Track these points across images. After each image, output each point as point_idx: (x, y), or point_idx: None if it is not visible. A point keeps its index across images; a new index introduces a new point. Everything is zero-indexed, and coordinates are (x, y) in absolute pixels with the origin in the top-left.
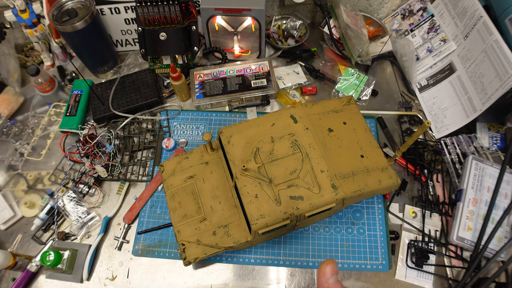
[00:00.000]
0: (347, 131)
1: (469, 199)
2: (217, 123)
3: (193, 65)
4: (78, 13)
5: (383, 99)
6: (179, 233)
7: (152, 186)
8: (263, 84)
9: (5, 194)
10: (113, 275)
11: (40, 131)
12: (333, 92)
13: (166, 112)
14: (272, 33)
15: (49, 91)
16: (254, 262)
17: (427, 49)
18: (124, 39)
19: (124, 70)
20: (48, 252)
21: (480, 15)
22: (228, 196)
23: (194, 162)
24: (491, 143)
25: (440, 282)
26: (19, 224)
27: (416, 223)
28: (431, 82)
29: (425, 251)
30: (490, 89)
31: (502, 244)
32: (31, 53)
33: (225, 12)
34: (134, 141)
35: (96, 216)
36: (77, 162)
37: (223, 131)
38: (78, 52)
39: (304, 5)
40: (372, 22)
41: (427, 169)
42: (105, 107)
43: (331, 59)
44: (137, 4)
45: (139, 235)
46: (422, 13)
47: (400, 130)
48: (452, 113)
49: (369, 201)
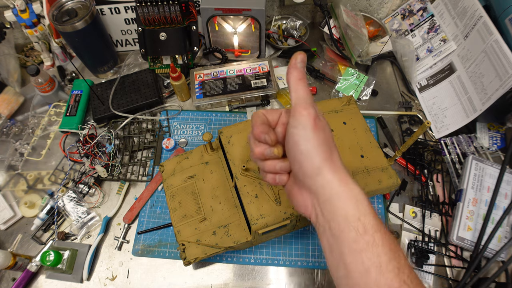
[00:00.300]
0: (347, 131)
1: (469, 199)
2: (217, 123)
3: (193, 65)
4: (78, 13)
5: (383, 99)
6: (179, 233)
7: (152, 186)
8: (263, 84)
9: (5, 194)
10: (113, 275)
11: (40, 131)
12: (333, 92)
13: (166, 112)
14: (272, 33)
15: (49, 91)
16: (254, 262)
17: (427, 49)
18: (124, 39)
19: (124, 70)
20: (48, 252)
21: (480, 15)
22: (228, 196)
23: (194, 162)
24: (491, 143)
25: (440, 282)
26: (19, 224)
27: (416, 223)
28: (431, 82)
29: (425, 251)
30: (490, 89)
31: (502, 244)
32: (31, 53)
33: (225, 12)
34: (134, 141)
35: (96, 216)
36: (77, 162)
37: (223, 131)
38: (78, 52)
39: (304, 5)
40: (372, 22)
41: (427, 169)
42: (105, 107)
43: (331, 59)
44: (137, 4)
45: (139, 235)
46: (422, 13)
47: (400, 130)
48: (452, 113)
49: (369, 201)
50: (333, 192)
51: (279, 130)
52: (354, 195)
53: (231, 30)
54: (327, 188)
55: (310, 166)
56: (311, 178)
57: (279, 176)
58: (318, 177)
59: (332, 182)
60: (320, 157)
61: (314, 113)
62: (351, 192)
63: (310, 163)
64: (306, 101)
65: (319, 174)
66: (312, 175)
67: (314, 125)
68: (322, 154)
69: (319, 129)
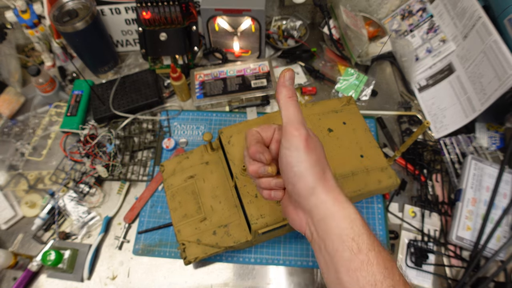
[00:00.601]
0: (347, 131)
1: (468, 198)
2: (217, 123)
3: (194, 66)
4: (79, 13)
5: (383, 99)
6: (180, 232)
7: (153, 186)
8: (263, 84)
9: (6, 194)
10: (113, 275)
11: (41, 131)
12: (333, 92)
13: (166, 112)
14: (272, 33)
15: (50, 91)
16: (254, 262)
17: (427, 49)
18: (125, 40)
19: (125, 70)
20: (49, 252)
21: (479, 16)
22: (228, 196)
23: (194, 162)
24: (490, 143)
25: (439, 282)
26: (20, 224)
27: (415, 223)
28: (430, 82)
29: (425, 251)
30: (489, 89)
31: (501, 243)
32: (32, 53)
33: (225, 13)
34: (134, 141)
35: (97, 215)
36: (77, 162)
37: (223, 131)
38: (79, 52)
39: (304, 6)
40: (371, 23)
41: (427, 169)
42: (106, 107)
43: (331, 60)
44: (138, 5)
45: (140, 235)
46: (422, 14)
47: (400, 130)
48: (451, 113)
49: (369, 201)
50: (327, 212)
51: (273, 147)
52: (348, 214)
53: (231, 30)
54: (321, 208)
55: (304, 187)
56: (305, 198)
57: (275, 192)
58: (312, 197)
59: (326, 202)
60: (313, 178)
61: (305, 133)
62: (345, 211)
63: (304, 184)
64: (297, 121)
65: (313, 194)
66: (306, 195)
67: (306, 146)
68: (316, 175)
69: (311, 150)
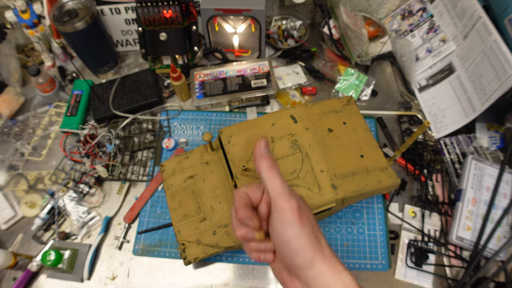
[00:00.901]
0: (347, 131)
1: (469, 199)
2: (217, 123)
3: (193, 65)
4: (79, 13)
5: (383, 99)
6: (179, 232)
7: (153, 186)
8: (263, 84)
9: (6, 194)
10: (113, 275)
11: (40, 131)
12: (333, 92)
13: (166, 112)
14: (272, 33)
15: (50, 91)
16: (254, 262)
17: (427, 49)
18: (125, 40)
19: (125, 70)
20: (49, 252)
21: (479, 16)
22: (228, 196)
23: (194, 162)
24: (490, 143)
25: (439, 282)
26: (20, 224)
27: (415, 223)
28: (430, 82)
29: (425, 251)
30: (489, 89)
31: (501, 243)
32: (31, 53)
33: (225, 13)
34: (134, 141)
35: (97, 216)
36: (77, 162)
37: (223, 131)
38: (79, 52)
39: (304, 6)
40: (371, 23)
41: (427, 169)
42: (106, 107)
43: (331, 59)
44: (138, 5)
45: (140, 235)
46: (422, 14)
47: (400, 130)
48: (452, 113)
49: (369, 200)
50: (326, 284)
51: (263, 209)
52: (346, 284)
53: (231, 30)
54: (319, 280)
55: (302, 260)
56: (303, 270)
57: (264, 254)
58: (310, 270)
59: (324, 273)
60: (312, 251)
61: (296, 205)
62: (343, 281)
63: (302, 258)
64: (284, 193)
65: (311, 267)
66: (304, 268)
67: (300, 219)
68: (313, 248)
69: (305, 222)
